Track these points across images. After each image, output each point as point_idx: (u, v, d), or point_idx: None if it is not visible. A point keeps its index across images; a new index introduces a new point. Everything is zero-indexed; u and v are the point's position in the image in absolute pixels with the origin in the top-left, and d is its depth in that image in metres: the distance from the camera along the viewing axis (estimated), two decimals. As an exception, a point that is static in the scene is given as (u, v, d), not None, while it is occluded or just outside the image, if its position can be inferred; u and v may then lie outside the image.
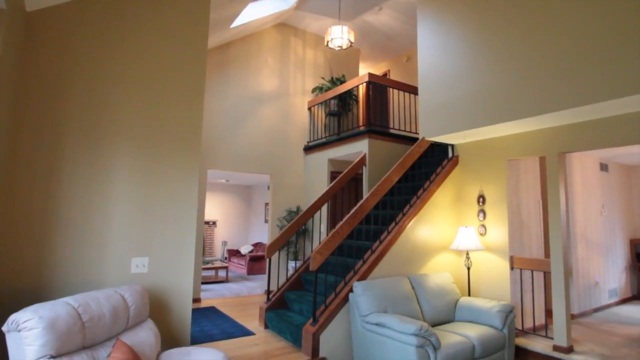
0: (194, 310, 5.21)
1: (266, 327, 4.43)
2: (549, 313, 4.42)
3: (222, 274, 8.28)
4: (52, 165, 2.49)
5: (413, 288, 3.93)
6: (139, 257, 2.77)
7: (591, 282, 5.60)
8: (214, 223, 10.71)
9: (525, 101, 3.70)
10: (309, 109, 7.35)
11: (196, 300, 5.78)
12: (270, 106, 6.93)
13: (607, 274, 5.97)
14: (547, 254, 4.91)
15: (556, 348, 3.82)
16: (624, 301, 6.23)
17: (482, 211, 4.64)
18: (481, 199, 4.67)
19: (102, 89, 2.69)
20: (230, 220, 11.09)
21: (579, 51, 3.31)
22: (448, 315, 3.96)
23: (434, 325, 3.81)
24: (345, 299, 3.73)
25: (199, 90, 3.08)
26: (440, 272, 4.34)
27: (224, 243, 10.55)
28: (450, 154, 5.08)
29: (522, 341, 4.07)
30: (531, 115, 3.66)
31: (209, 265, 7.82)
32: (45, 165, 2.47)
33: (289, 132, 7.09)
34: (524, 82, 3.71)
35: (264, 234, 10.14)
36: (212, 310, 5.33)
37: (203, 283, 7.34)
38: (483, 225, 4.62)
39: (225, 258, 10.16)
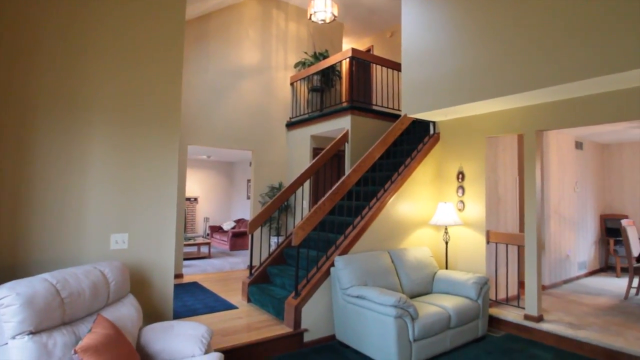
0: (177, 286, 5.23)
1: (249, 301, 4.49)
2: (521, 284, 4.62)
3: (204, 250, 8.28)
4: (24, 140, 2.40)
5: (393, 262, 4.03)
6: (118, 233, 2.73)
7: (562, 255, 5.85)
8: (196, 200, 10.63)
9: (506, 79, 3.73)
10: (292, 84, 7.24)
11: (178, 276, 5.79)
12: (251, 81, 6.79)
13: (577, 248, 6.24)
14: (521, 228, 5.08)
15: (527, 317, 4.02)
16: (592, 273, 6.55)
17: (461, 187, 4.74)
18: (460, 175, 4.76)
19: (76, 62, 2.57)
20: (212, 196, 11.02)
21: (560, 30, 3.34)
22: (426, 288, 4.09)
23: (412, 297, 3.93)
24: (327, 273, 3.80)
25: (177, 63, 2.99)
26: (420, 247, 4.45)
27: (206, 219, 10.51)
28: (431, 131, 5.13)
29: (495, 311, 4.26)
30: (511, 93, 3.71)
31: (191, 242, 7.81)
32: (15, 141, 2.37)
33: (271, 108, 6.99)
34: (505, 60, 3.74)
35: (246, 210, 10.14)
36: (194, 285, 5.36)
37: (185, 259, 7.34)
38: (462, 201, 4.73)
39: (208, 234, 10.15)
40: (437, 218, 4.48)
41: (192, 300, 4.57)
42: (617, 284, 5.76)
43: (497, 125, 4.42)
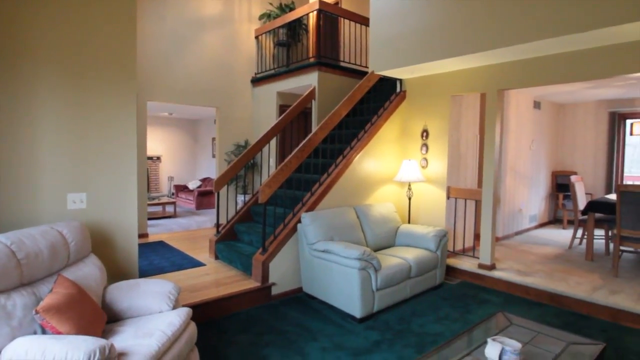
0: (142, 245, 5.16)
1: (217, 258, 4.53)
2: (477, 237, 4.91)
3: (169, 209, 8.16)
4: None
5: (358, 217, 4.15)
6: (75, 192, 2.63)
7: (515, 209, 6.23)
8: (158, 158, 10.30)
9: (472, 37, 3.74)
10: (256, 37, 6.93)
11: (143, 235, 5.71)
12: (213, 33, 6.43)
13: (530, 202, 6.65)
14: (480, 184, 5.32)
15: (481, 266, 4.32)
16: (541, 225, 7.05)
17: (425, 145, 4.85)
18: (425, 133, 4.85)
19: (15, 7, 2.32)
20: (176, 155, 10.71)
21: (526, -15, 3.34)
22: (389, 241, 4.27)
23: (376, 250, 4.10)
24: (294, 229, 3.87)
25: (130, 7, 2.77)
26: (384, 202, 4.59)
27: (170, 179, 10.26)
28: (398, 89, 5.13)
29: (452, 261, 4.53)
30: (475, 51, 3.73)
31: (155, 201, 7.65)
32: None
33: (235, 63, 6.71)
34: (471, 19, 3.72)
35: (212, 169, 9.96)
36: (160, 244, 5.32)
37: (150, 219, 7.21)
38: (425, 159, 4.86)
39: (173, 194, 9.95)
40: (402, 175, 4.59)
41: (159, 259, 4.56)
42: (563, 235, 6.24)
43: (462, 84, 4.48)
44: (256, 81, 6.82)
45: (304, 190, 4.58)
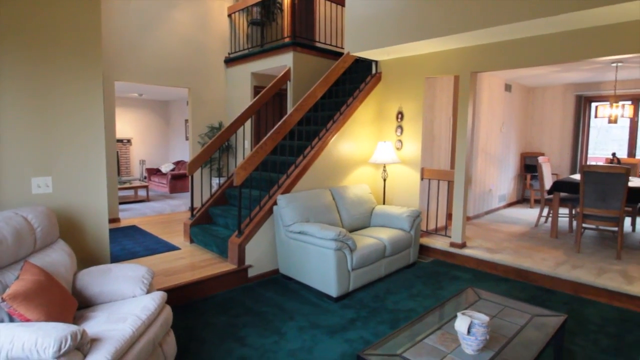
0: (113, 230, 5.05)
1: (191, 241, 4.48)
2: (449, 216, 5.05)
3: (142, 193, 7.97)
4: None
5: (334, 199, 4.18)
6: (40, 176, 2.52)
7: (486, 189, 6.42)
8: (129, 141, 9.97)
9: (444, 20, 3.75)
10: (229, 16, 6.72)
11: (115, 220, 5.57)
12: (184, 11, 6.19)
13: (499, 182, 6.87)
14: (452, 165, 5.44)
15: (452, 244, 4.46)
16: (510, 205, 7.31)
17: (400, 127, 4.90)
18: (400, 115, 4.89)
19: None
20: (147, 138, 10.40)
21: (499, -33, 3.36)
22: (364, 222, 4.33)
23: (352, 231, 4.16)
24: (270, 212, 3.86)
25: (92, -18, 2.62)
26: (359, 184, 4.63)
27: (142, 162, 9.99)
28: (373, 71, 5.12)
29: (425, 240, 4.66)
30: (449, 34, 3.76)
31: (127, 185, 7.45)
32: None
33: (207, 42, 6.50)
34: (444, 1, 3.73)
35: (185, 152, 9.75)
36: (133, 229, 5.21)
37: (122, 203, 7.03)
38: (400, 140, 4.91)
39: (145, 177, 9.71)
40: (377, 157, 4.64)
41: (132, 244, 4.47)
42: (530, 214, 6.51)
43: (436, 66, 4.51)
44: (230, 61, 6.64)
45: (280, 172, 4.56)
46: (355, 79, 5.48)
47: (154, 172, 9.55)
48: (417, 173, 4.76)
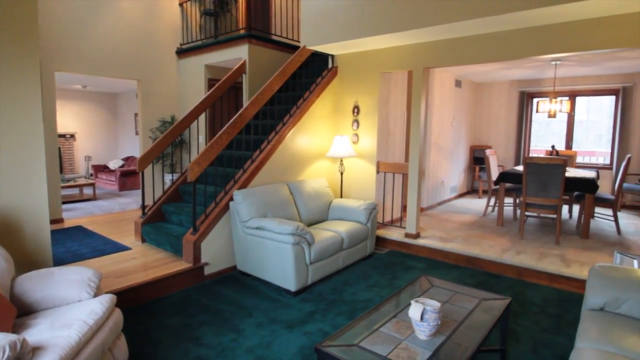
0: (56, 231, 4.73)
1: (143, 241, 4.30)
2: (404, 208, 5.21)
3: (88, 191, 7.52)
4: None
5: (291, 193, 4.17)
6: (-32, 174, 2.31)
7: (438, 181, 6.68)
8: (72, 136, 9.36)
9: (398, 16, 3.83)
10: (181, 5, 6.46)
11: (58, 220, 5.22)
12: (131, -3, 5.87)
13: (451, 174, 7.17)
14: (407, 159, 5.60)
15: (407, 235, 4.60)
16: (460, 195, 7.65)
17: (356, 121, 4.96)
18: (356, 109, 4.95)
19: None
20: (93, 132, 9.81)
21: (448, -34, 3.47)
22: (322, 216, 4.36)
23: (310, 225, 4.17)
24: (226, 208, 3.78)
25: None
26: (317, 178, 4.65)
27: (88, 158, 9.42)
28: (330, 65, 5.14)
29: (382, 232, 4.78)
30: (402, 30, 3.85)
31: (71, 183, 7.00)
32: None
33: (157, 32, 6.21)
34: (398, -6, 3.81)
35: (135, 147, 9.31)
36: (78, 229, 4.91)
37: (65, 202, 6.60)
38: (356, 134, 4.98)
39: (91, 175, 9.17)
40: (334, 150, 4.67)
41: (77, 245, 4.21)
42: (479, 204, 6.85)
43: (391, 62, 4.61)
44: (182, 52, 6.40)
45: (236, 167, 4.47)
46: (311, 73, 5.47)
47: (101, 168, 9.04)
48: (373, 166, 4.85)
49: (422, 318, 1.88)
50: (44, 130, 2.63)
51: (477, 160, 7.91)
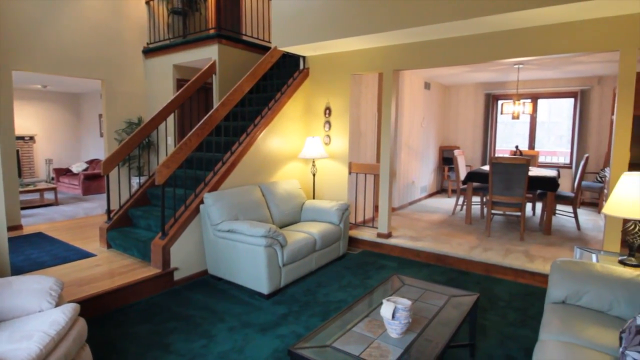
0: (15, 239, 4.49)
1: (109, 247, 4.14)
2: (376, 208, 5.26)
3: (49, 196, 7.18)
4: None
5: (264, 195, 4.13)
6: None
7: (409, 181, 6.80)
8: (32, 138, 8.92)
9: (367, 19, 3.88)
10: (147, 3, 6.29)
11: (16, 227, 4.95)
12: (94, -6, 5.65)
13: (421, 175, 7.32)
14: (378, 159, 5.67)
15: (379, 235, 4.66)
16: (430, 195, 7.83)
17: (328, 122, 4.98)
18: (328, 110, 4.97)
19: None
20: (55, 134, 9.38)
21: (415, -29, 3.55)
22: (295, 217, 4.35)
23: (282, 226, 4.15)
24: (196, 211, 3.70)
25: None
26: (289, 179, 4.63)
27: (49, 161, 9.00)
28: (301, 66, 5.14)
29: (354, 232, 4.81)
30: (371, 33, 3.90)
31: (31, 188, 6.66)
32: None
33: (122, 30, 6.02)
34: (366, 1, 3.86)
35: (100, 149, 8.97)
36: (39, 236, 4.68)
37: (24, 208, 6.27)
38: (328, 136, 5.00)
39: (52, 178, 8.77)
40: (306, 152, 4.67)
41: (38, 253, 4.01)
42: (448, 203, 7.03)
43: (361, 64, 4.65)
44: (149, 52, 6.23)
45: (206, 169, 4.39)
46: (283, 74, 5.45)
47: (64, 172, 8.65)
48: (345, 167, 4.88)
49: (393, 316, 1.90)
50: (0, 132, 2.48)
51: (446, 160, 8.12)
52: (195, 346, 2.57)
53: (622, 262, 2.44)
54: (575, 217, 5.24)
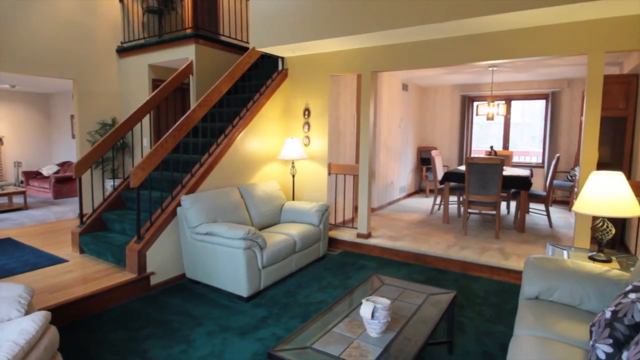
0: (-19, 245, 4.29)
1: (82, 252, 4.01)
2: (355, 209, 5.30)
3: (18, 200, 6.91)
4: None
5: (242, 197, 4.09)
6: None
7: (388, 181, 6.87)
8: (0, 140, 8.56)
9: (345, 20, 3.90)
10: (121, 0, 6.14)
11: (-18, 233, 4.74)
12: (64, -9, 5.48)
13: (399, 175, 7.40)
14: (357, 160, 5.70)
15: (359, 235, 4.68)
16: (409, 195, 7.93)
17: (307, 123, 4.98)
18: (307, 111, 4.97)
19: None
20: (24, 136, 9.03)
21: (392, -26, 3.59)
22: (274, 219, 4.32)
23: (262, 228, 4.12)
24: (173, 214, 3.63)
25: None
26: (268, 181, 4.60)
27: (17, 164, 8.66)
28: (280, 67, 5.12)
29: (334, 233, 4.82)
30: (349, 34, 3.92)
31: (-2, 192, 6.39)
32: None
33: (95, 29, 5.85)
34: (344, 2, 3.88)
35: (72, 152, 8.69)
36: (7, 242, 4.49)
37: (-9, 213, 6.02)
38: (307, 137, 4.99)
39: (22, 182, 8.44)
40: (285, 153, 4.65)
41: (6, 259, 3.84)
42: (426, 203, 7.13)
43: (340, 65, 4.67)
44: (123, 51, 6.08)
45: (184, 171, 4.31)
46: (261, 75, 5.41)
47: (33, 175, 8.34)
48: (324, 168, 4.89)
49: (373, 316, 1.91)
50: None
51: (424, 160, 8.24)
52: (173, 352, 2.52)
53: (591, 258, 2.54)
54: (548, 215, 5.41)
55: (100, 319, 2.96)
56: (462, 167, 6.12)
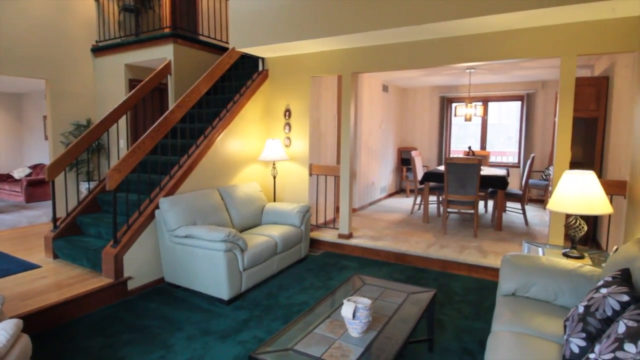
0: (-54, 252, 4.10)
1: (56, 257, 3.88)
2: (337, 209, 5.31)
3: (-12, 204, 6.63)
4: None
5: (223, 199, 4.04)
6: None
7: (369, 182, 6.92)
8: (-33, 142, 8.21)
9: (325, 22, 3.91)
10: (95, -1, 5.99)
11: (-52, 239, 4.53)
12: (35, -13, 5.30)
13: (380, 175, 7.47)
14: (338, 161, 5.72)
15: (340, 236, 4.70)
16: (390, 195, 8.00)
17: (288, 124, 4.96)
18: (287, 112, 4.95)
19: None
20: (-7, 137, 8.69)
21: (371, -24, 3.62)
22: (255, 220, 4.29)
23: (243, 230, 4.08)
24: (152, 217, 3.56)
25: None
26: (249, 182, 4.56)
27: (-13, 167, 8.32)
28: (260, 68, 5.09)
29: (315, 234, 4.82)
30: (329, 35, 3.94)
31: (-35, 195, 6.12)
32: None
33: (69, 27, 5.68)
34: (323, 4, 3.88)
35: (45, 154, 8.41)
36: (-25, 248, 4.31)
37: (-42, 218, 5.76)
38: (288, 138, 4.98)
39: (-9, 185, 8.11)
40: (266, 154, 4.62)
41: (-26, 266, 3.69)
42: (406, 202, 7.21)
43: (321, 66, 4.68)
44: (98, 50, 5.92)
45: (162, 173, 4.23)
46: (242, 75, 5.37)
47: (4, 178, 8.03)
48: (305, 169, 4.88)
49: (354, 316, 1.92)
50: None
51: (404, 161, 8.33)
52: (152, 358, 2.46)
53: (565, 255, 2.62)
54: (524, 213, 5.55)
55: (76, 326, 2.87)
56: (442, 168, 6.21)
